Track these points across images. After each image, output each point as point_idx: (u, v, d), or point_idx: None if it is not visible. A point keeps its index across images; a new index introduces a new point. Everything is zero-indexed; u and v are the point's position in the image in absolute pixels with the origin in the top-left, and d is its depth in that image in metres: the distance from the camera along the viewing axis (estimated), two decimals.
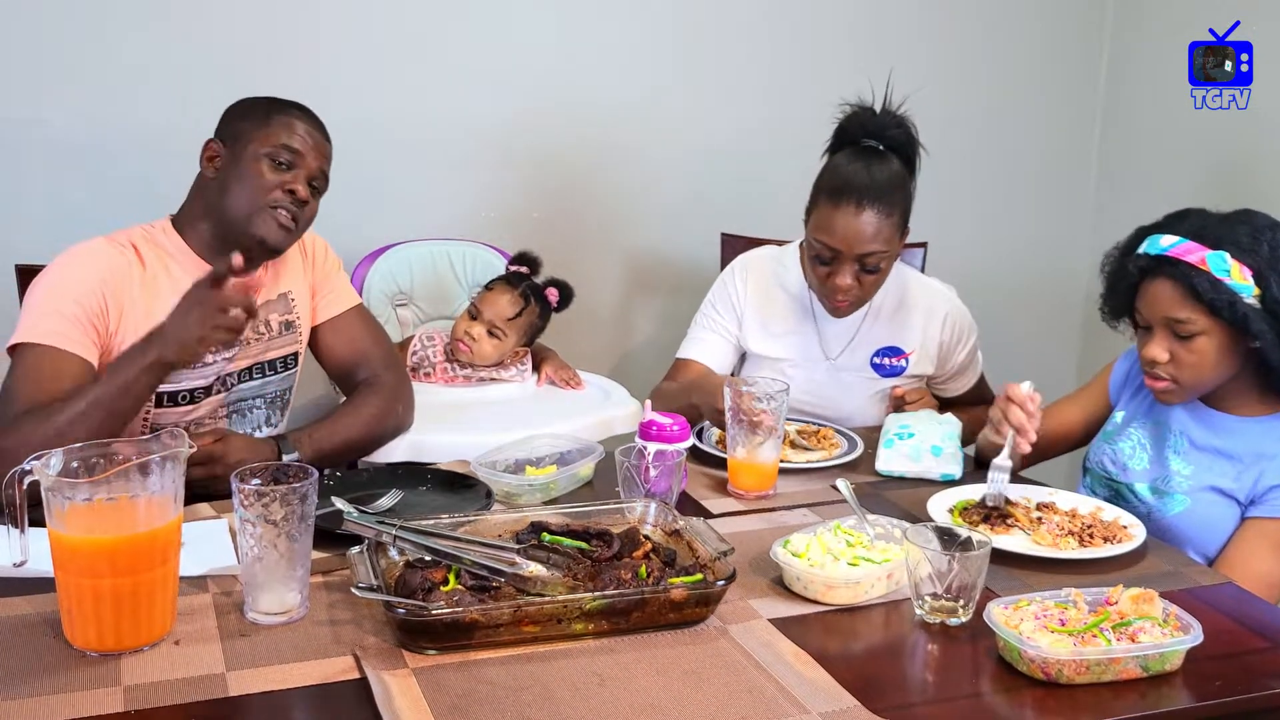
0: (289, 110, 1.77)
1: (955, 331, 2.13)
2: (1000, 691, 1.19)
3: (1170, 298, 1.60)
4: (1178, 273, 1.59)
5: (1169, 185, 3.09)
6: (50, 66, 2.43)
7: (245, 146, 1.74)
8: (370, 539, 1.34)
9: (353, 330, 1.94)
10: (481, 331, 2.20)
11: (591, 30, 2.83)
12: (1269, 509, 1.62)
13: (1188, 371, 1.63)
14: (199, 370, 1.77)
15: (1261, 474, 1.63)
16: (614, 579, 1.30)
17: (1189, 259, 1.58)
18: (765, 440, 1.69)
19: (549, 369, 2.27)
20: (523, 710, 1.11)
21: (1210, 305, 1.56)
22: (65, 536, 1.18)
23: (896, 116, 2.00)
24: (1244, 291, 1.56)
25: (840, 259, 1.94)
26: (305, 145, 1.75)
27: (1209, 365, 1.62)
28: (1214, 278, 1.56)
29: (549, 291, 2.28)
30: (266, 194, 1.72)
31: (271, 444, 1.71)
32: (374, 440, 1.85)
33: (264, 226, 1.73)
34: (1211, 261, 1.56)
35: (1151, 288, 1.63)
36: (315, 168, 1.77)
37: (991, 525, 1.56)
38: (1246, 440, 1.66)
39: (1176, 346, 1.62)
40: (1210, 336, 1.60)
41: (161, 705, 1.10)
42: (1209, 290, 1.56)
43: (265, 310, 1.84)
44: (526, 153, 2.83)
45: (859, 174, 1.92)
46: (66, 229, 2.44)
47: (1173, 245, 1.59)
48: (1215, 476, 1.66)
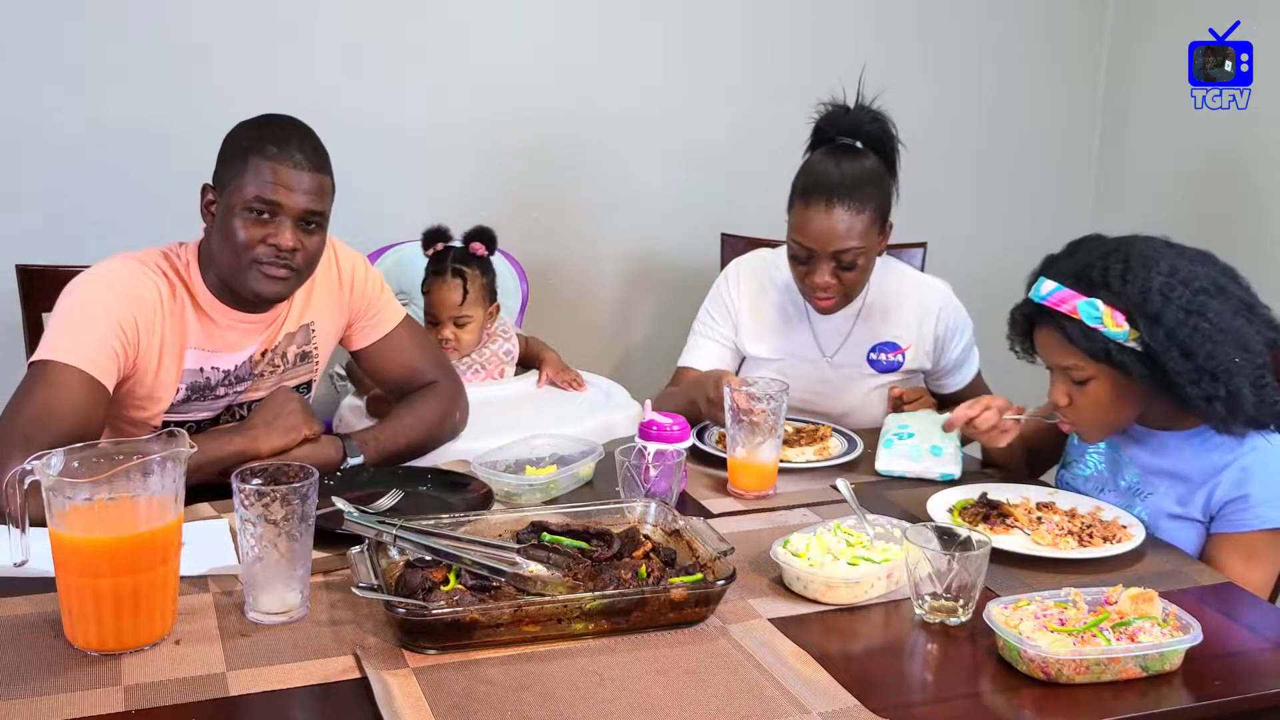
0: (267, 150, 1.63)
1: (949, 325, 2.13)
2: (1000, 691, 1.19)
3: (1055, 345, 1.60)
4: (1055, 322, 1.58)
5: (1169, 185, 3.09)
6: (50, 66, 2.44)
7: (228, 198, 1.65)
8: (370, 539, 1.34)
9: (402, 346, 1.92)
10: (451, 330, 2.22)
11: (591, 31, 2.83)
12: (1230, 524, 1.60)
13: (1087, 414, 1.63)
14: (208, 402, 1.76)
15: (1213, 489, 1.61)
16: (614, 579, 1.30)
17: (1063, 309, 1.57)
18: (765, 440, 1.69)
19: (549, 370, 2.26)
20: (523, 710, 1.11)
21: (1088, 354, 1.56)
22: (66, 536, 1.18)
23: (871, 112, 2.02)
24: (1119, 336, 1.53)
25: (815, 258, 1.95)
26: (284, 192, 1.62)
27: (1106, 407, 1.61)
28: (1087, 327, 1.54)
29: (474, 248, 2.26)
30: (250, 250, 1.63)
31: (337, 444, 1.73)
32: (433, 443, 1.86)
33: (255, 283, 1.66)
34: (1083, 310, 1.55)
35: (1041, 334, 1.64)
36: (301, 209, 1.64)
37: (991, 525, 1.56)
38: (1190, 458, 1.64)
39: (1074, 390, 1.62)
40: (1100, 380, 1.59)
41: (162, 705, 1.10)
42: (1083, 340, 1.55)
43: (285, 343, 1.81)
44: (526, 153, 2.83)
45: (829, 172, 1.94)
46: (66, 229, 2.47)
47: (1049, 294, 1.58)
48: (1169, 503, 1.65)
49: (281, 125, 1.68)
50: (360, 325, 1.90)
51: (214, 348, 1.73)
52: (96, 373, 1.57)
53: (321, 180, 1.68)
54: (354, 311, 1.88)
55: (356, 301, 1.87)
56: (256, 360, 1.78)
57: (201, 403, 1.75)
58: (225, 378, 1.76)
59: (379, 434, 1.79)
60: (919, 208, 2.11)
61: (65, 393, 1.55)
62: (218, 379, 1.75)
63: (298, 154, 1.64)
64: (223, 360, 1.74)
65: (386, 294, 1.93)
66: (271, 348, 1.79)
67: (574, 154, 2.88)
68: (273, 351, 1.79)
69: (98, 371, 1.58)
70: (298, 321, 1.82)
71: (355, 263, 1.88)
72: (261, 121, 1.69)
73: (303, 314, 1.82)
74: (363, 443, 1.76)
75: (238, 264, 1.65)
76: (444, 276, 2.22)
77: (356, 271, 1.87)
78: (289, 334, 1.81)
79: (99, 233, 2.36)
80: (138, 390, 1.68)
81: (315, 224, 1.68)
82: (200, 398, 1.75)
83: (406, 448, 1.81)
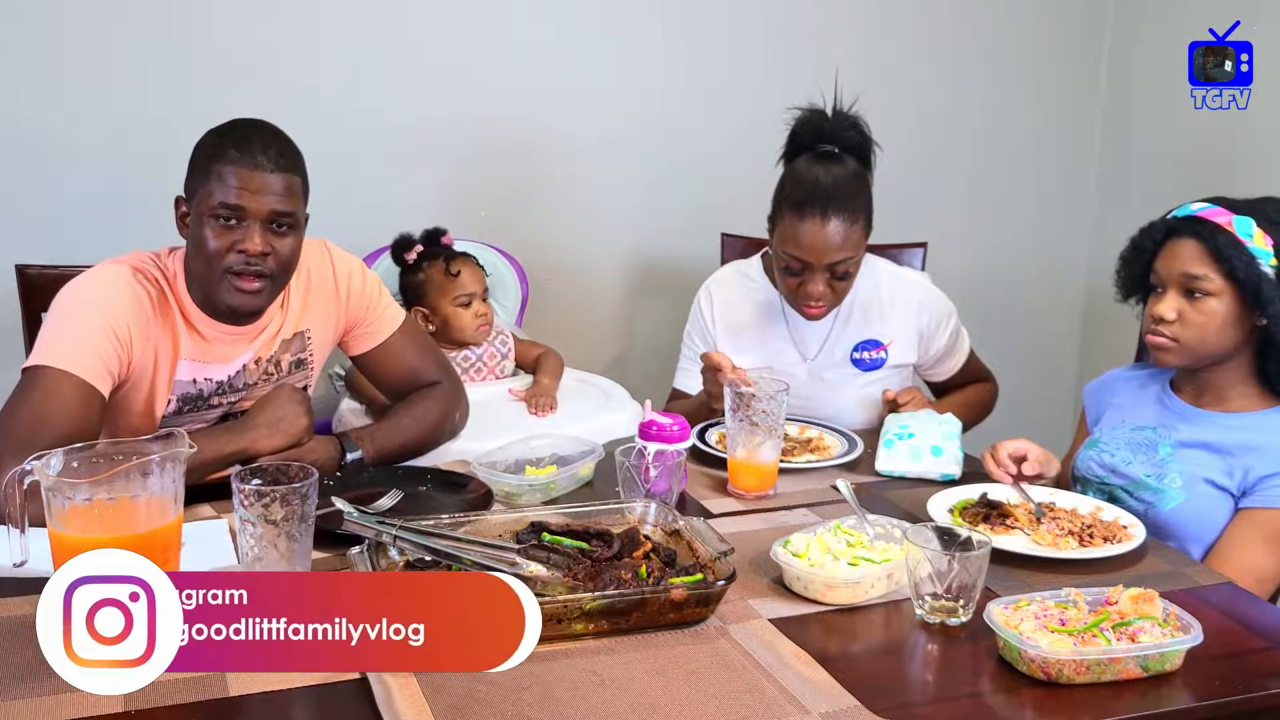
0: (229, 154, 1.60)
1: (932, 316, 2.13)
2: (1000, 691, 1.19)
3: (1190, 254, 1.64)
4: (1203, 231, 1.64)
5: (1169, 185, 3.08)
6: (50, 66, 2.44)
7: (197, 207, 1.63)
8: (370, 539, 1.34)
9: (402, 351, 1.90)
10: (484, 306, 2.22)
11: (591, 30, 2.83)
12: (1260, 499, 1.63)
13: (1192, 331, 1.65)
14: (202, 413, 1.76)
15: (1250, 466, 1.64)
16: (614, 579, 1.30)
17: (1216, 220, 1.63)
18: (765, 440, 1.69)
19: (529, 391, 2.14)
20: (523, 710, 1.11)
21: (1229, 264, 1.61)
22: (65, 536, 1.18)
23: (849, 118, 2.01)
24: (1263, 257, 1.60)
25: (810, 269, 1.95)
26: (248, 195, 1.59)
27: (1213, 329, 1.64)
28: (1237, 239, 1.61)
29: (445, 239, 2.28)
30: (222, 259, 1.61)
31: (336, 443, 1.73)
32: (431, 443, 1.85)
33: (229, 296, 1.64)
34: (1237, 224, 1.62)
35: (1173, 246, 1.67)
36: (267, 210, 1.61)
37: (991, 525, 1.56)
38: (1232, 434, 1.67)
39: (1185, 306, 1.65)
40: (1221, 299, 1.63)
41: (161, 705, 1.10)
42: (1229, 248, 1.61)
43: (280, 350, 1.80)
44: (526, 152, 2.83)
45: (821, 183, 1.93)
46: (66, 229, 2.46)
47: (1203, 208, 1.65)
48: (1206, 470, 1.67)
49: (244, 129, 1.65)
50: (359, 331, 1.88)
51: (205, 359, 1.72)
52: (91, 378, 1.57)
53: (289, 180, 1.64)
54: (351, 318, 1.86)
55: (354, 308, 1.85)
56: (250, 369, 1.77)
57: (195, 414, 1.74)
58: (219, 388, 1.75)
59: (376, 431, 1.79)
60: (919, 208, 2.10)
61: (59, 398, 1.54)
62: (211, 389, 1.74)
63: (260, 156, 1.61)
64: (215, 371, 1.73)
65: (385, 298, 1.91)
66: (266, 356, 1.78)
67: (574, 154, 2.88)
68: (267, 360, 1.78)
69: (92, 377, 1.57)
70: (293, 329, 1.80)
71: (352, 269, 1.86)
72: (225, 127, 1.66)
73: (298, 321, 1.81)
74: (360, 439, 1.75)
75: (211, 276, 1.63)
76: (457, 259, 2.22)
77: (354, 278, 1.85)
78: (284, 341, 1.80)
79: (99, 233, 2.36)
80: (133, 397, 1.67)
81: (286, 225, 1.65)
82: (194, 409, 1.74)
83: (405, 446, 1.80)
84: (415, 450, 1.83)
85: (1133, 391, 1.84)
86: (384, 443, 1.78)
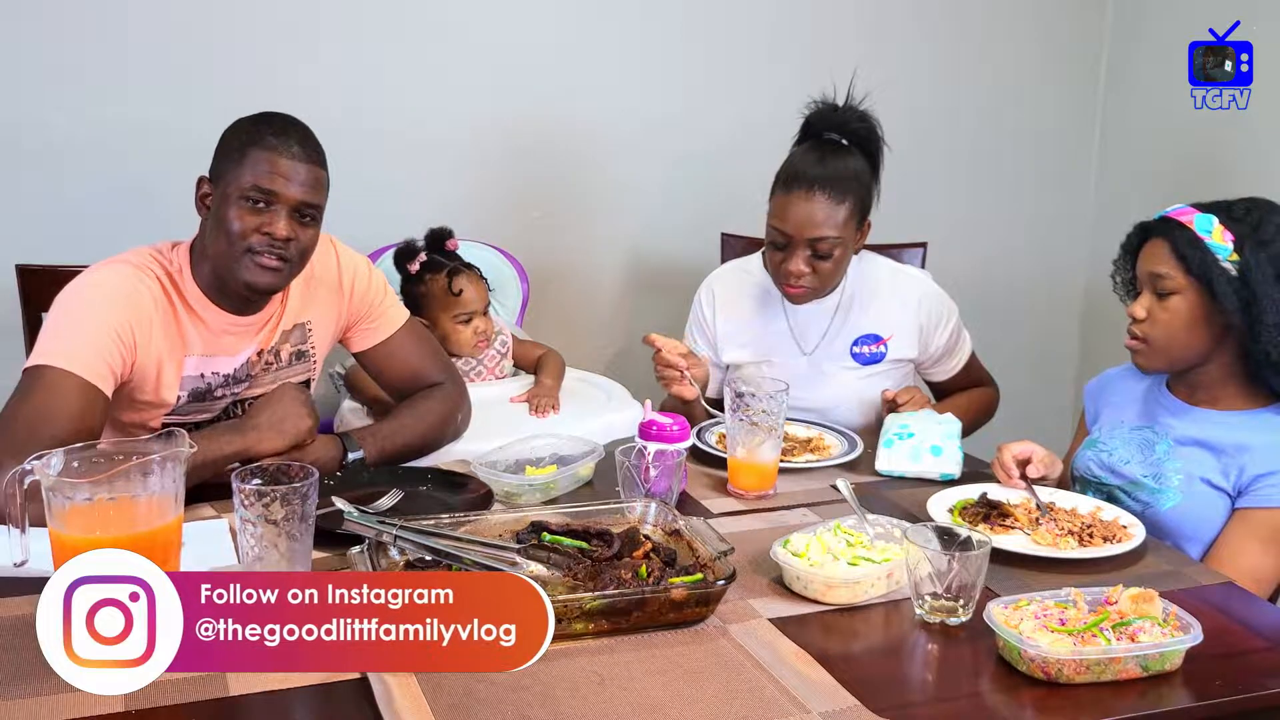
0: (266, 140, 1.64)
1: (932, 313, 2.13)
2: (1000, 691, 1.19)
3: (1157, 254, 1.67)
4: (1168, 231, 1.66)
5: (1169, 185, 3.08)
6: (50, 66, 2.44)
7: (225, 188, 1.65)
8: (370, 539, 1.34)
9: (405, 350, 1.91)
10: (484, 322, 2.21)
11: (591, 29, 2.83)
12: (1256, 499, 1.63)
13: (1159, 330, 1.67)
14: (207, 404, 1.76)
15: (1245, 466, 1.64)
16: (614, 579, 1.30)
17: (1181, 218, 1.65)
18: (765, 440, 1.69)
19: (530, 392, 2.14)
20: (523, 710, 1.11)
21: (1185, 261, 1.63)
22: (65, 536, 1.18)
23: (858, 112, 2.04)
24: (1221, 253, 1.61)
25: (792, 244, 1.97)
26: (281, 181, 1.63)
27: (1179, 327, 1.66)
28: (1195, 235, 1.63)
29: (450, 244, 2.27)
30: (245, 239, 1.63)
31: (337, 442, 1.73)
32: (434, 444, 1.85)
33: (248, 272, 1.65)
34: (1198, 221, 1.64)
35: (1147, 247, 1.70)
36: (297, 199, 1.65)
37: (991, 525, 1.56)
38: (1226, 432, 1.68)
39: (1155, 305, 1.68)
40: (1184, 297, 1.64)
41: (161, 705, 1.10)
42: (1185, 248, 1.63)
43: (280, 341, 1.80)
44: (526, 152, 2.83)
45: (813, 163, 1.98)
46: (66, 229, 2.47)
47: (1175, 209, 1.67)
48: (1203, 469, 1.68)
49: (280, 119, 1.70)
50: (361, 328, 1.89)
51: (211, 353, 1.73)
52: (93, 378, 1.57)
53: (318, 174, 1.69)
54: (354, 314, 1.87)
55: (357, 305, 1.87)
56: (254, 361, 1.78)
57: (201, 404, 1.75)
58: (224, 380, 1.76)
59: (378, 431, 1.79)
60: (919, 208, 2.10)
61: (60, 398, 1.54)
62: (217, 383, 1.75)
63: (295, 146, 1.66)
64: (221, 364, 1.74)
65: (390, 297, 1.92)
66: (267, 347, 1.79)
67: (574, 154, 2.88)
68: (268, 351, 1.79)
69: (94, 377, 1.57)
70: (293, 320, 1.81)
71: (358, 266, 1.88)
72: (260, 117, 1.70)
73: (299, 312, 1.82)
74: (362, 439, 1.75)
75: (230, 252, 1.65)
76: (460, 276, 2.21)
77: (359, 275, 1.87)
78: (284, 332, 1.81)
79: (99, 233, 2.36)
80: (138, 395, 1.68)
81: (310, 216, 1.69)
82: (200, 400, 1.75)
83: (406, 447, 1.80)
84: (418, 451, 1.83)
85: (1129, 389, 1.84)
86: (386, 443, 1.78)
